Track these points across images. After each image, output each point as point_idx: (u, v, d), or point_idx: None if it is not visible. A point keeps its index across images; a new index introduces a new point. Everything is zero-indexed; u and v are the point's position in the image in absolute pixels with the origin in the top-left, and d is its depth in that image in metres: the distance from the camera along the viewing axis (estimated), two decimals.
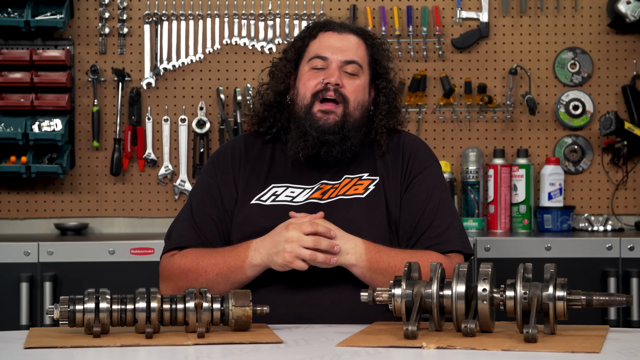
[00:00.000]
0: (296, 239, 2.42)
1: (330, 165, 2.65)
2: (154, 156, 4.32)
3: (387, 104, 2.70)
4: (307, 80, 2.64)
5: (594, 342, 2.07)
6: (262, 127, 2.72)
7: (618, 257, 3.84)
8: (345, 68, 2.64)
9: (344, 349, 2.07)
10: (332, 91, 2.61)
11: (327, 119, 2.61)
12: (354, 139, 2.63)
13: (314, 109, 2.62)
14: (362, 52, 2.67)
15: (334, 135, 2.60)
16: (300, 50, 2.69)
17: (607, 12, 4.36)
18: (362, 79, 2.66)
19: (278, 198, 2.61)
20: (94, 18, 4.32)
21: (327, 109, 2.61)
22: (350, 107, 2.62)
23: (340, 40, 2.66)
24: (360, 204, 2.59)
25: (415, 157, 2.66)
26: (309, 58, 2.66)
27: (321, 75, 2.63)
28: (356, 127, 2.64)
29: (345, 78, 2.63)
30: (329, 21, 2.72)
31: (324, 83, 2.61)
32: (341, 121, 2.61)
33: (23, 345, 2.11)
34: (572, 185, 4.38)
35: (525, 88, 4.36)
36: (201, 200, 2.66)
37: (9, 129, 4.15)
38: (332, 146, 2.60)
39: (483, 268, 2.15)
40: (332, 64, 2.63)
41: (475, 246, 3.80)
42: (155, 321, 2.18)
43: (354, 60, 2.64)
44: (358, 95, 2.64)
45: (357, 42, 2.67)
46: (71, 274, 3.75)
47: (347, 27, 2.70)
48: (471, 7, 4.37)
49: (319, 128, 2.60)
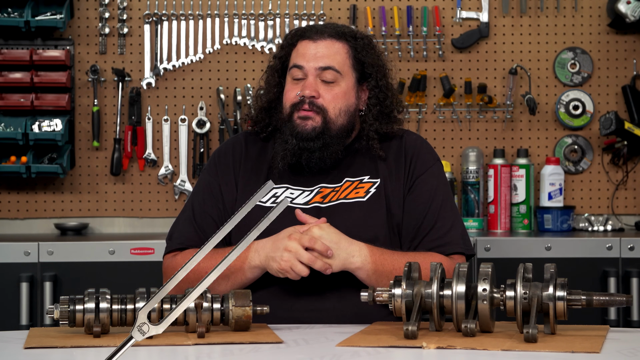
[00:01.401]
0: (294, 251, 2.42)
1: (330, 167, 2.64)
2: (154, 156, 4.32)
3: (377, 105, 2.66)
4: (287, 92, 2.64)
5: (594, 342, 2.07)
6: (258, 127, 2.72)
7: (618, 257, 3.84)
8: (322, 76, 2.60)
9: (344, 349, 2.07)
10: (307, 104, 2.60)
11: (304, 125, 2.59)
12: (337, 145, 2.61)
13: (293, 117, 2.61)
14: (342, 56, 2.62)
15: (312, 141, 2.58)
16: (283, 60, 2.68)
17: (607, 12, 4.36)
18: (343, 84, 2.62)
19: (278, 199, 2.61)
20: (94, 18, 4.32)
21: (305, 115, 2.60)
22: (331, 115, 2.60)
23: (315, 47, 2.62)
24: (362, 208, 2.59)
25: (418, 158, 2.65)
26: (289, 68, 2.65)
27: (299, 86, 2.61)
28: (340, 134, 2.61)
29: (322, 87, 2.60)
30: (308, 27, 2.68)
31: (299, 96, 2.60)
32: (321, 128, 2.59)
33: (23, 345, 2.11)
34: (572, 185, 4.38)
35: (525, 88, 4.36)
36: (202, 200, 2.66)
37: (9, 129, 4.15)
38: (312, 152, 2.59)
39: (483, 268, 2.15)
40: (309, 73, 2.61)
41: (475, 246, 3.80)
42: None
43: (330, 66, 2.60)
44: (338, 102, 2.61)
45: (336, 47, 2.63)
46: (71, 274, 3.75)
47: (325, 31, 2.64)
48: (471, 7, 4.37)
49: (298, 135, 2.59)
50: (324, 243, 2.44)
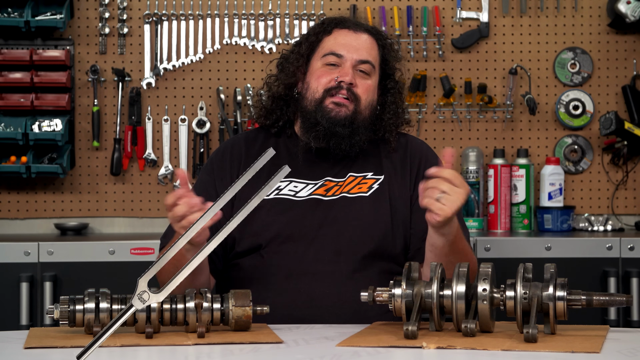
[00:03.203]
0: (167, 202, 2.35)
1: (337, 161, 2.65)
2: (154, 156, 4.32)
3: (394, 104, 2.71)
4: (320, 75, 2.65)
5: (594, 342, 2.07)
6: (269, 119, 2.72)
7: (618, 257, 3.83)
8: (358, 67, 2.65)
9: (344, 349, 2.07)
10: (345, 89, 2.63)
11: (339, 111, 2.62)
12: (363, 135, 2.64)
13: (326, 102, 2.63)
14: (375, 52, 2.69)
15: (344, 128, 2.61)
16: (314, 45, 2.70)
17: (607, 12, 4.36)
18: (373, 79, 2.68)
19: (281, 192, 2.61)
20: (94, 18, 4.31)
21: (340, 102, 2.62)
22: (362, 106, 2.64)
23: (355, 39, 2.67)
24: (364, 203, 2.60)
25: (427, 160, 2.69)
26: (323, 54, 2.67)
27: (335, 72, 2.64)
28: (365, 125, 2.65)
29: (358, 77, 2.65)
30: (344, 18, 2.73)
31: (337, 81, 2.63)
32: (352, 116, 2.62)
33: (23, 345, 2.11)
34: (572, 185, 4.38)
35: (525, 88, 4.36)
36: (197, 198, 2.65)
37: (9, 129, 4.15)
38: (342, 139, 2.62)
39: (483, 268, 2.15)
40: (347, 62, 2.64)
41: (475, 246, 3.80)
42: (155, 321, 2.18)
43: (368, 60, 2.66)
44: (369, 95, 2.66)
45: (371, 42, 2.69)
46: (71, 274, 3.75)
47: (361, 25, 2.71)
48: (471, 7, 4.37)
49: (330, 119, 2.61)
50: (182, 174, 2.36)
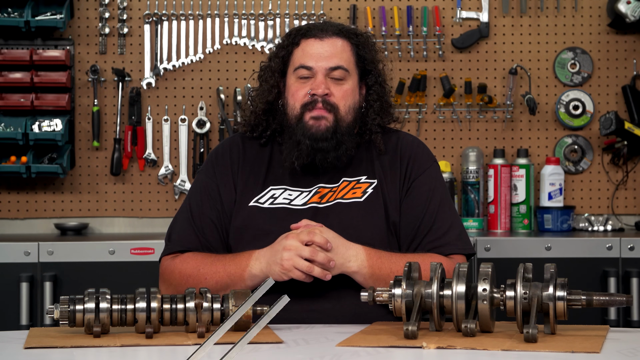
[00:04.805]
0: (294, 248, 2.40)
1: (328, 168, 2.63)
2: (154, 156, 4.32)
3: (378, 101, 2.67)
4: (294, 91, 2.61)
5: (594, 342, 2.07)
6: (256, 132, 2.69)
7: (618, 257, 3.83)
8: (331, 74, 2.59)
9: (344, 349, 2.07)
10: (320, 102, 2.58)
11: (318, 125, 2.58)
12: (349, 142, 2.60)
13: (305, 118, 2.59)
14: (347, 53, 2.62)
15: (327, 141, 2.57)
16: (285, 59, 2.65)
17: (607, 12, 4.36)
18: (350, 82, 2.62)
19: (276, 201, 2.60)
20: (94, 18, 4.31)
21: (318, 115, 2.58)
22: (341, 113, 2.59)
23: (323, 46, 2.61)
24: (359, 208, 2.58)
25: (415, 160, 2.64)
26: (294, 68, 2.62)
27: (308, 85, 2.59)
28: (349, 131, 2.61)
29: (332, 85, 2.59)
30: (310, 26, 2.66)
31: (310, 94, 2.58)
32: (333, 127, 2.58)
33: (23, 345, 2.11)
34: (572, 185, 4.38)
35: (525, 88, 4.36)
36: (200, 201, 2.64)
37: (9, 129, 4.15)
38: (327, 152, 2.58)
39: (483, 268, 2.15)
40: (318, 73, 2.59)
41: (475, 246, 3.80)
42: (155, 321, 2.18)
43: (339, 65, 2.60)
44: (347, 100, 2.61)
45: (341, 45, 2.62)
46: (71, 274, 3.75)
47: (329, 29, 2.63)
48: (471, 7, 4.37)
49: (311, 136, 2.57)
50: (322, 235, 2.42)
